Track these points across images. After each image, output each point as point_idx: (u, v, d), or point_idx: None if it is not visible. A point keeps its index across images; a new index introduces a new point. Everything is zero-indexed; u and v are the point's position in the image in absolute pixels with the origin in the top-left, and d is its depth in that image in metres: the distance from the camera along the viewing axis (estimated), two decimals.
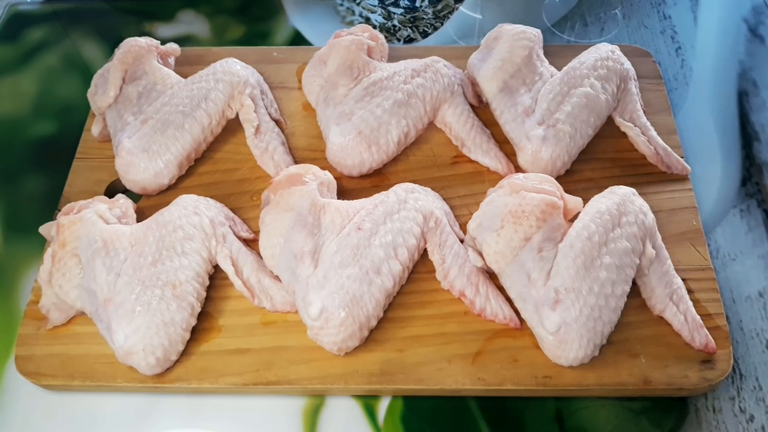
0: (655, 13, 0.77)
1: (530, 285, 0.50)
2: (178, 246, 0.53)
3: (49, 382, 0.52)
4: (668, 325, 0.52)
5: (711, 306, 0.53)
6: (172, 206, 0.56)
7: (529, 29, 0.63)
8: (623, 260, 0.50)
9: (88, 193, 0.60)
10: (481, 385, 0.50)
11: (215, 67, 0.63)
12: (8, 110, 0.72)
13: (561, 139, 0.57)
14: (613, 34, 0.75)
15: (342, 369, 0.51)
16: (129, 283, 0.51)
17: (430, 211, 0.54)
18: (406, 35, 0.77)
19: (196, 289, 0.53)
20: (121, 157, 0.59)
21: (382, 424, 0.51)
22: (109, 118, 0.62)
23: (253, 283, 0.54)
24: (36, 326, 0.54)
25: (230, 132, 0.64)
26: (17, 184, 0.66)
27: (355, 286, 0.50)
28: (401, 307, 0.54)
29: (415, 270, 0.55)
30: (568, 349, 0.49)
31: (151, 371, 0.51)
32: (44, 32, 0.79)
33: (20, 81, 0.74)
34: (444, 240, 0.54)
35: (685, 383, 0.50)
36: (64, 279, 0.53)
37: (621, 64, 0.61)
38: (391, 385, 0.51)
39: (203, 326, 0.53)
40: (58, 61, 0.76)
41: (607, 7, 0.78)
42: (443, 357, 0.51)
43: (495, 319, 0.52)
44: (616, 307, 0.50)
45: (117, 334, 0.50)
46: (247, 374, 0.51)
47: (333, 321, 0.49)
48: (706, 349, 0.50)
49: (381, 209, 0.53)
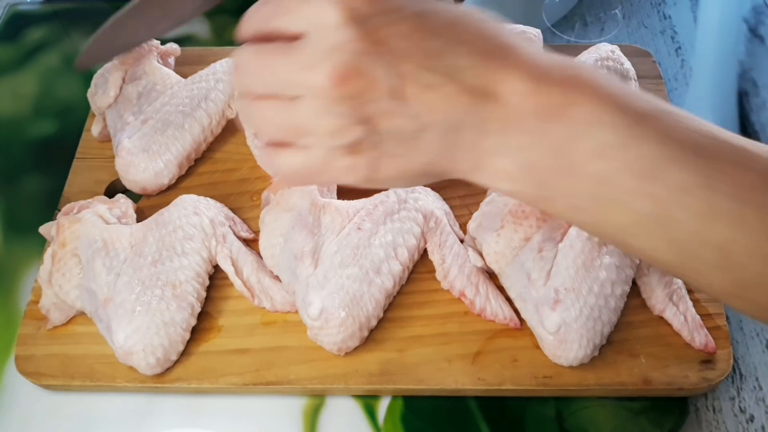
0: (655, 13, 0.77)
1: (530, 285, 0.50)
2: (178, 246, 0.53)
3: (48, 382, 0.52)
4: (668, 325, 0.52)
5: (711, 306, 0.53)
6: (172, 206, 0.56)
7: (529, 29, 0.63)
8: (623, 260, 0.50)
9: (88, 193, 0.60)
10: (481, 385, 0.50)
11: (215, 67, 0.63)
12: (8, 110, 0.72)
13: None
14: (613, 34, 0.75)
15: (342, 369, 0.51)
16: (129, 283, 0.51)
17: (430, 211, 0.54)
18: None
19: (196, 289, 0.53)
20: (121, 157, 0.59)
21: (382, 424, 0.51)
22: (109, 118, 0.62)
23: (253, 283, 0.54)
24: (36, 326, 0.54)
25: (230, 132, 0.64)
26: (17, 184, 0.66)
27: (355, 286, 0.50)
28: (401, 307, 0.54)
29: (415, 270, 0.55)
30: (568, 349, 0.49)
31: (151, 371, 0.51)
32: (44, 32, 0.79)
33: (20, 81, 0.74)
34: (444, 240, 0.54)
35: (685, 383, 0.50)
36: (64, 279, 0.53)
37: (621, 64, 0.61)
38: (391, 385, 0.51)
39: (203, 326, 0.53)
40: (58, 61, 0.76)
41: (607, 7, 0.78)
42: (443, 357, 0.51)
43: (495, 319, 0.52)
44: (616, 308, 0.50)
45: (117, 334, 0.50)
46: (247, 374, 0.51)
47: (333, 321, 0.49)
48: (706, 349, 0.50)
49: (381, 209, 0.53)
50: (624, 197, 0.35)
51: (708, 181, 0.34)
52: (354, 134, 0.37)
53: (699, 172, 0.34)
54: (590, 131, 0.35)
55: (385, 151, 0.38)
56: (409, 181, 0.40)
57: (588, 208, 0.36)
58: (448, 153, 0.38)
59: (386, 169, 0.38)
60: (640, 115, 0.35)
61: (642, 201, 0.35)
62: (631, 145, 0.34)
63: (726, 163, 0.34)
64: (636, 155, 0.34)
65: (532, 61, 0.36)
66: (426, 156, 0.38)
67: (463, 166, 0.38)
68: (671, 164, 0.34)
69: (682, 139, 0.34)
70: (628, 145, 0.34)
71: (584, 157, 0.35)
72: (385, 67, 0.35)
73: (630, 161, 0.34)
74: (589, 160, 0.35)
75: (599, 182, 0.35)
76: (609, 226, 0.36)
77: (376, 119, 0.37)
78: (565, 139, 0.35)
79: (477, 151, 0.37)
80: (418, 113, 0.36)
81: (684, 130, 0.35)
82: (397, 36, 0.35)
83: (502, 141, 0.36)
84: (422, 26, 0.36)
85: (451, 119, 0.36)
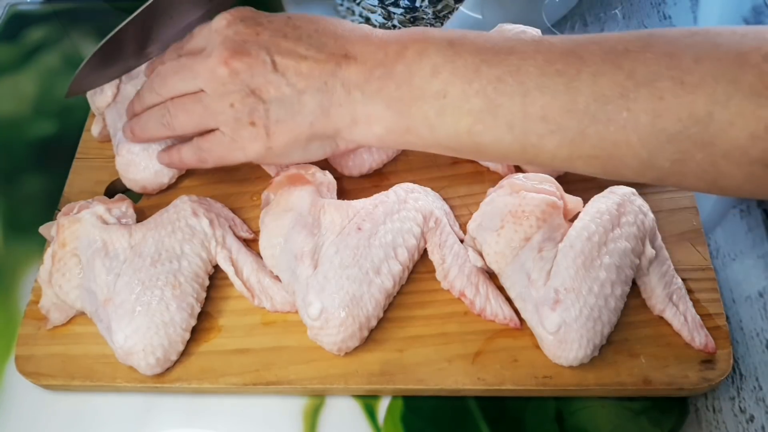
0: (655, 13, 0.77)
1: (530, 285, 0.50)
2: (178, 246, 0.53)
3: (49, 382, 0.52)
4: (668, 325, 0.52)
5: (711, 306, 0.53)
6: (172, 207, 0.56)
7: (529, 29, 0.63)
8: (623, 260, 0.50)
9: (88, 193, 0.60)
10: (481, 385, 0.50)
11: None
12: (8, 110, 0.72)
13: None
14: None
15: (342, 369, 0.51)
16: (129, 283, 0.51)
17: (430, 211, 0.54)
18: None
19: (196, 289, 0.53)
20: (122, 156, 0.59)
21: (382, 424, 0.51)
22: (109, 118, 0.62)
23: (253, 283, 0.54)
24: (36, 326, 0.54)
25: None
26: (17, 184, 0.66)
27: (354, 287, 0.50)
28: (401, 307, 0.54)
29: (415, 270, 0.55)
30: (568, 349, 0.49)
31: (151, 371, 0.51)
32: (44, 32, 0.79)
33: (20, 81, 0.74)
34: (444, 240, 0.54)
35: (685, 383, 0.50)
36: (64, 279, 0.53)
37: None
38: (391, 385, 0.51)
39: (203, 326, 0.53)
40: (58, 61, 0.76)
41: (607, 7, 0.78)
42: (443, 357, 0.51)
43: (495, 319, 0.52)
44: (615, 308, 0.50)
45: (117, 334, 0.50)
46: (247, 374, 0.51)
47: (333, 321, 0.49)
48: (706, 349, 0.50)
49: (381, 209, 0.53)
50: (461, 102, 0.44)
51: (515, 68, 0.42)
52: (247, 104, 0.48)
53: (509, 64, 0.43)
54: (422, 60, 0.45)
55: (274, 117, 0.48)
56: (302, 146, 0.50)
57: (441, 124, 0.45)
58: (325, 111, 0.48)
59: (280, 134, 0.49)
60: (457, 39, 0.45)
61: (474, 99, 0.43)
62: (455, 59, 0.44)
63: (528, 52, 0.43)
64: (460, 65, 0.44)
65: (375, 34, 0.48)
66: (308, 117, 0.48)
67: (340, 122, 0.48)
68: (487, 65, 0.43)
69: (491, 47, 0.44)
70: (453, 60, 0.44)
71: (424, 80, 0.45)
72: (265, 47, 0.48)
73: (457, 71, 0.44)
74: (428, 81, 0.45)
75: (440, 96, 0.44)
76: (460, 133, 0.45)
77: (262, 90, 0.48)
78: (407, 72, 0.45)
79: (348, 105, 0.47)
80: (295, 80, 0.47)
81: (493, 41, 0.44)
82: (272, 27, 0.48)
83: (364, 90, 0.46)
84: (292, 21, 0.49)
85: (323, 80, 0.47)
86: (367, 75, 0.46)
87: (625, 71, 0.40)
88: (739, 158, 0.38)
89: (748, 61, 0.38)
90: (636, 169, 0.42)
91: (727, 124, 0.38)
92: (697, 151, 0.39)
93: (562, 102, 0.41)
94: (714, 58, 0.38)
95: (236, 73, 0.48)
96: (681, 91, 0.38)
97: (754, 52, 0.38)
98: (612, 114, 0.40)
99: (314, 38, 0.48)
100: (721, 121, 0.38)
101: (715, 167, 0.39)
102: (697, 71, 0.38)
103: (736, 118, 0.37)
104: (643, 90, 0.39)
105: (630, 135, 0.40)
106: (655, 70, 0.39)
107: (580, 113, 0.40)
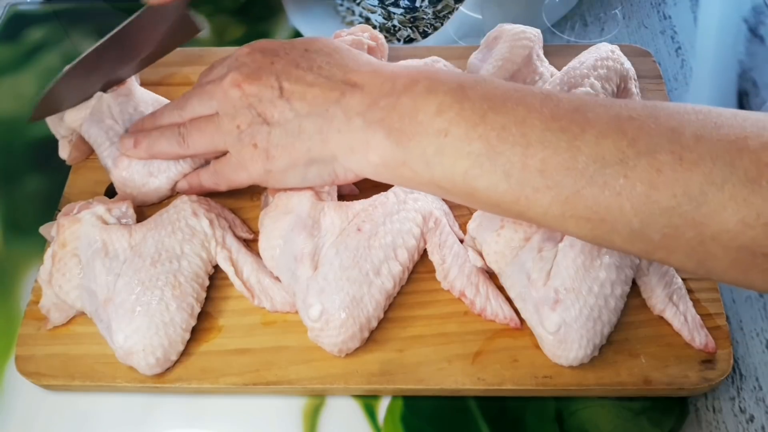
0: (655, 13, 0.77)
1: (530, 285, 0.50)
2: (178, 247, 0.53)
3: (49, 382, 0.52)
4: (668, 325, 0.52)
5: (711, 306, 0.53)
6: (172, 207, 0.56)
7: (529, 29, 0.63)
8: (623, 260, 0.50)
9: (89, 194, 0.60)
10: (481, 385, 0.50)
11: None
12: (8, 110, 0.72)
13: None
14: (613, 34, 0.75)
15: (342, 369, 0.51)
16: (129, 283, 0.51)
17: (429, 211, 0.54)
18: (406, 35, 0.77)
19: (196, 289, 0.53)
20: (120, 169, 0.58)
21: (382, 424, 0.51)
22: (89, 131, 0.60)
23: (253, 284, 0.54)
24: (36, 326, 0.54)
25: None
26: (17, 184, 0.66)
27: (355, 288, 0.50)
28: (401, 307, 0.54)
29: (415, 270, 0.55)
30: (568, 349, 0.49)
31: (151, 371, 0.51)
32: (44, 32, 0.79)
33: (20, 81, 0.74)
34: (444, 240, 0.54)
35: (685, 383, 0.50)
36: (64, 279, 0.53)
37: (621, 64, 0.61)
38: (391, 385, 0.51)
39: (203, 326, 0.53)
40: (58, 61, 0.76)
41: (607, 7, 0.78)
42: (443, 357, 0.51)
43: (495, 319, 0.52)
44: (615, 308, 0.50)
45: (117, 334, 0.50)
46: (247, 374, 0.51)
47: (333, 322, 0.49)
48: (706, 348, 0.50)
49: (380, 210, 0.53)
50: (461, 143, 0.43)
51: (521, 119, 0.42)
52: (252, 127, 0.50)
53: (516, 114, 0.42)
54: (430, 97, 0.44)
55: (275, 141, 0.49)
56: (300, 172, 0.51)
57: (438, 163, 0.44)
58: (324, 137, 0.48)
59: (279, 158, 0.50)
60: (468, 83, 0.45)
61: (475, 143, 0.43)
62: (463, 101, 0.43)
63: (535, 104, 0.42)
64: (467, 108, 0.43)
65: (386, 68, 0.48)
66: (306, 142, 0.49)
67: (338, 149, 0.48)
68: (493, 112, 0.43)
69: (501, 94, 0.43)
70: (461, 102, 0.43)
71: (428, 117, 0.44)
72: (276, 74, 0.49)
73: (463, 113, 0.43)
74: (431, 118, 0.44)
75: (442, 135, 0.43)
76: (456, 174, 0.44)
77: (267, 114, 0.49)
78: (413, 106, 0.45)
79: (347, 132, 0.47)
80: (299, 106, 0.48)
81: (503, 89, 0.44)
82: (288, 57, 0.50)
83: (365, 117, 0.46)
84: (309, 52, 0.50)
85: (325, 107, 0.48)
86: (370, 103, 0.46)
87: (628, 138, 0.39)
88: (728, 242, 0.38)
89: (747, 146, 0.37)
90: (626, 237, 0.41)
91: (720, 206, 0.37)
92: (687, 228, 0.38)
93: (562, 159, 0.40)
94: (714, 139, 0.38)
95: (246, 96, 0.50)
96: (679, 167, 0.38)
97: (754, 138, 0.38)
98: (609, 178, 0.39)
99: (325, 69, 0.49)
100: (714, 202, 0.37)
101: (703, 247, 0.39)
102: (696, 149, 0.38)
103: (728, 202, 0.37)
104: (642, 159, 0.39)
105: (624, 202, 0.39)
106: (657, 142, 0.39)
107: (578, 172, 0.40)
